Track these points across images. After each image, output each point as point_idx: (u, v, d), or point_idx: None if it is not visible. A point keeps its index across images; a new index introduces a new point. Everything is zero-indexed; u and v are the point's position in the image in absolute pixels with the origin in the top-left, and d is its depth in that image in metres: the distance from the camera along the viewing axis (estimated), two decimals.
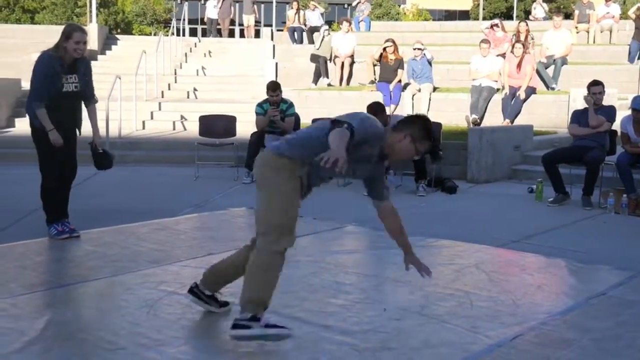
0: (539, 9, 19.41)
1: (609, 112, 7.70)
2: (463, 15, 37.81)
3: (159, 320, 3.67)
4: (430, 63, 12.17)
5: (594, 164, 7.45)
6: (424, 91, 11.92)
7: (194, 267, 4.60)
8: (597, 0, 16.91)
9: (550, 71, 12.53)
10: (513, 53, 11.50)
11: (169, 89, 14.74)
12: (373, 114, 8.08)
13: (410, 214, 6.71)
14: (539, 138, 10.23)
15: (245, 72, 15.80)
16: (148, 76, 13.65)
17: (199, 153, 9.37)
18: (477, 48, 11.97)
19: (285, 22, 20.32)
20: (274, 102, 8.78)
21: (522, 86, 11.18)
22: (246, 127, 10.05)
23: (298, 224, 3.72)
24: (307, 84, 14.19)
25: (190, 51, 17.36)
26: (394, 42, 12.26)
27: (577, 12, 16.85)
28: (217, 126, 9.89)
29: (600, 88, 7.67)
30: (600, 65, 13.01)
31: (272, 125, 8.80)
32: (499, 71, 11.56)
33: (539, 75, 12.13)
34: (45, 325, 3.53)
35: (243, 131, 9.84)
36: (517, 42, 11.85)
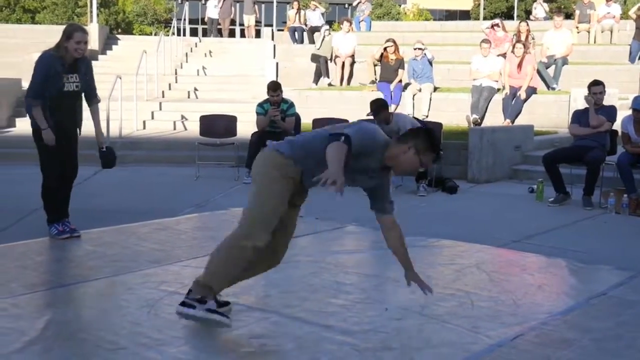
0: (539, 8, 19.39)
1: (609, 112, 7.70)
2: (464, 15, 37.81)
3: (159, 320, 3.67)
4: (430, 63, 12.17)
5: (595, 164, 7.45)
6: (425, 91, 11.92)
7: (194, 267, 4.60)
8: (597, 0, 16.91)
9: (551, 71, 12.52)
10: (514, 53, 11.50)
11: (170, 88, 14.73)
12: (375, 111, 8.25)
13: (411, 214, 6.74)
14: (539, 138, 10.23)
15: (245, 72, 15.80)
16: (149, 76, 13.64)
17: (200, 153, 9.37)
18: (478, 48, 11.97)
19: (285, 22, 20.32)
20: (274, 102, 8.77)
21: (522, 86, 11.18)
22: (247, 127, 10.05)
23: (299, 224, 3.73)
24: (308, 83, 14.19)
25: (191, 51, 17.36)
26: (394, 42, 12.27)
27: (577, 12, 16.84)
28: (217, 126, 9.89)
29: (600, 88, 7.67)
30: (601, 65, 13.00)
31: (273, 125, 8.79)
32: (500, 71, 11.56)
33: (539, 75, 12.13)
34: (45, 325, 3.54)
35: (244, 131, 9.84)
36: (517, 42, 11.84)
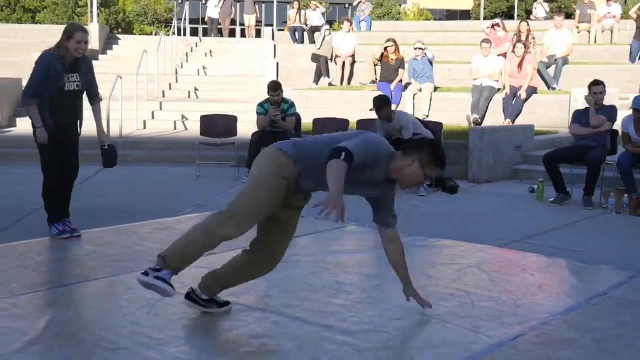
0: (540, 8, 19.38)
1: (610, 112, 7.69)
2: (464, 15, 37.78)
3: (160, 319, 3.67)
4: (431, 63, 12.17)
5: (595, 164, 7.45)
6: (425, 91, 11.92)
7: (195, 267, 4.58)
8: (598, 0, 16.90)
9: (552, 71, 12.52)
10: (514, 53, 11.50)
11: (170, 88, 14.73)
12: (378, 107, 8.27)
13: (411, 214, 6.74)
14: (540, 138, 10.23)
15: (246, 72, 15.80)
16: (149, 76, 13.64)
17: (200, 153, 9.37)
18: (478, 48, 11.97)
19: (286, 22, 20.32)
20: (275, 102, 8.77)
21: (523, 86, 11.18)
22: (247, 127, 10.05)
23: (299, 224, 3.73)
24: (308, 83, 14.19)
25: (192, 51, 17.36)
26: (395, 42, 12.27)
27: (578, 12, 16.84)
28: (218, 126, 9.90)
29: (601, 88, 7.66)
30: (602, 65, 13.00)
31: (274, 125, 8.79)
32: (500, 71, 11.56)
33: (540, 75, 12.12)
34: (46, 325, 3.53)
35: (244, 131, 9.84)
36: (518, 42, 11.84)
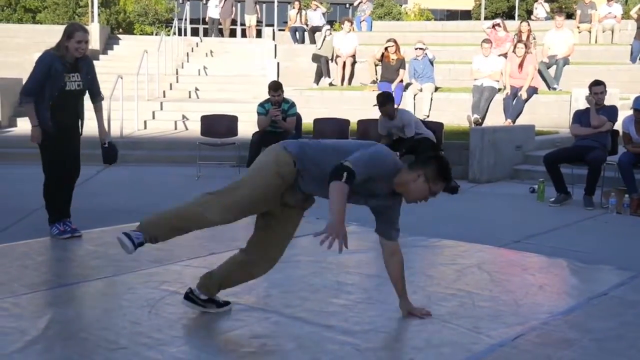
0: (540, 8, 19.37)
1: (610, 112, 7.69)
2: (465, 15, 37.77)
3: (160, 319, 3.67)
4: (432, 63, 12.17)
5: (596, 164, 7.44)
6: (426, 91, 11.93)
7: (195, 266, 4.60)
8: (599, 0, 16.90)
9: (552, 71, 12.52)
10: (515, 53, 11.50)
11: (171, 88, 14.74)
12: (382, 103, 8.27)
13: (411, 214, 6.72)
14: (540, 138, 10.22)
15: (246, 72, 15.80)
16: (150, 76, 13.64)
17: (201, 153, 9.37)
18: (479, 48, 11.97)
19: (286, 22, 20.32)
20: (275, 102, 8.78)
21: (523, 86, 11.18)
22: (248, 126, 10.05)
23: (300, 224, 3.73)
24: (309, 83, 14.18)
25: (192, 51, 17.36)
26: (395, 42, 12.28)
27: (579, 11, 16.83)
28: (218, 126, 9.90)
29: (601, 88, 7.66)
30: (602, 65, 12.99)
31: (274, 125, 8.80)
32: (501, 71, 11.56)
33: (540, 75, 12.12)
34: (46, 325, 3.54)
35: (245, 131, 9.84)
36: (519, 42, 11.84)
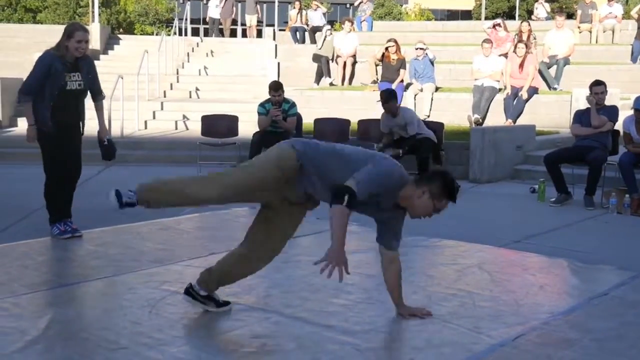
0: (541, 8, 19.37)
1: (611, 112, 7.69)
2: (465, 15, 37.75)
3: (160, 319, 3.67)
4: (432, 63, 12.17)
5: (596, 164, 7.44)
6: (426, 91, 11.92)
7: (196, 266, 4.60)
8: (599, 0, 16.89)
9: (553, 71, 12.52)
10: (515, 53, 11.50)
11: (171, 88, 14.74)
12: (386, 100, 8.29)
13: None
14: (541, 138, 10.22)
15: (247, 72, 15.80)
16: (150, 76, 13.64)
17: (201, 153, 9.37)
18: (480, 48, 11.96)
19: (287, 22, 20.32)
20: (276, 102, 8.78)
21: (524, 86, 11.17)
22: (248, 127, 10.05)
23: (301, 224, 3.73)
24: (309, 83, 14.18)
25: (193, 51, 17.36)
26: (396, 42, 12.28)
27: (579, 11, 16.83)
28: (219, 126, 9.91)
29: (602, 88, 7.66)
30: (603, 65, 12.99)
31: (275, 125, 8.79)
32: (501, 71, 11.56)
33: (541, 75, 12.12)
34: (47, 325, 3.54)
35: (245, 131, 9.84)
36: (519, 42, 11.83)
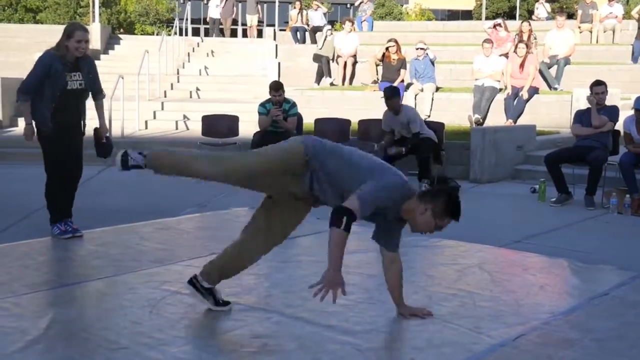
0: (541, 8, 19.37)
1: (611, 112, 7.69)
2: (466, 15, 37.74)
3: (161, 319, 3.67)
4: (432, 63, 12.16)
5: (597, 164, 7.44)
6: (427, 91, 11.92)
7: (196, 267, 4.58)
8: (600, 0, 16.89)
9: (553, 71, 12.52)
10: (516, 53, 11.50)
11: (172, 88, 14.74)
12: (390, 96, 8.31)
13: None
14: (541, 138, 10.22)
15: (247, 72, 15.79)
16: (151, 76, 13.64)
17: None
18: (480, 48, 11.96)
19: (288, 22, 20.32)
20: (276, 102, 8.78)
21: (524, 86, 11.17)
22: (249, 127, 10.06)
23: (301, 225, 3.73)
24: (310, 83, 14.18)
25: (193, 51, 17.36)
26: (396, 42, 12.28)
27: (580, 12, 16.82)
28: (219, 126, 9.92)
29: (602, 88, 7.66)
30: (603, 65, 12.98)
31: (275, 125, 8.79)
32: (502, 71, 11.55)
33: (541, 75, 12.12)
34: (48, 325, 3.53)
35: (246, 131, 9.85)
36: (520, 42, 11.83)
